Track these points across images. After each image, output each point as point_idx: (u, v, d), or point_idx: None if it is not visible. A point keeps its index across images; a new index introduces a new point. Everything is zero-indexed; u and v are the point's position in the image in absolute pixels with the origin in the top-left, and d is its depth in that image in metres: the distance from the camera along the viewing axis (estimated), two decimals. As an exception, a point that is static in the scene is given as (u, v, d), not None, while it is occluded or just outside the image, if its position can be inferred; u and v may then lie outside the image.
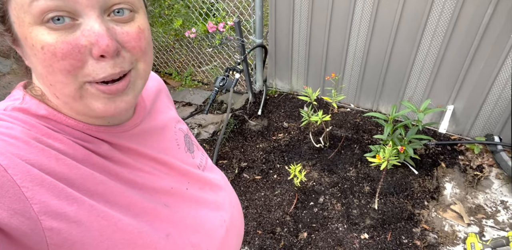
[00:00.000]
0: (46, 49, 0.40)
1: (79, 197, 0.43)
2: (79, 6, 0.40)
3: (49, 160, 0.42)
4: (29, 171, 0.39)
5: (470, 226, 1.79)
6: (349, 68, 2.42)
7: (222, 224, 0.64)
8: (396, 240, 1.76)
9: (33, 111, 0.46)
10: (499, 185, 1.97)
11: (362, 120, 2.44)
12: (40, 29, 0.40)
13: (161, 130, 0.62)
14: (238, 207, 0.74)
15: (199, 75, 3.29)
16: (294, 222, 1.92)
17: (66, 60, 0.40)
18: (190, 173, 0.63)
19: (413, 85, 2.26)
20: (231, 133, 2.54)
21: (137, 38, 0.44)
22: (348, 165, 2.17)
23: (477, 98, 2.07)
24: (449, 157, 2.14)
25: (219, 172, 0.74)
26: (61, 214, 0.40)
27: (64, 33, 0.40)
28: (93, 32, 0.40)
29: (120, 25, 0.43)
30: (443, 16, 1.93)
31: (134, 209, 0.49)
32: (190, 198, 0.60)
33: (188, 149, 0.67)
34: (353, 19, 2.20)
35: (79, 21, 0.41)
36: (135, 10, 0.44)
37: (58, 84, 0.42)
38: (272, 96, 2.81)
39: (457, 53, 2.00)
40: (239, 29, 2.33)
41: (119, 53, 0.43)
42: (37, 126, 0.45)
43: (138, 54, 0.45)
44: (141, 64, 0.47)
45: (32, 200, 0.38)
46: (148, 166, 0.55)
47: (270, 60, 2.73)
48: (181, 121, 0.71)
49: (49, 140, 0.44)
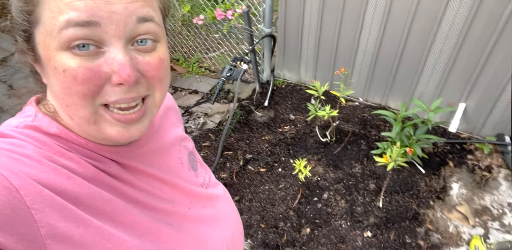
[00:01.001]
0: (68, 72, 0.41)
1: (86, 219, 0.43)
2: (106, 36, 0.41)
3: (61, 179, 0.43)
4: (40, 192, 0.40)
5: (475, 228, 1.78)
6: (360, 61, 2.36)
7: (223, 244, 0.64)
8: (400, 239, 1.76)
9: (44, 129, 0.47)
10: (508, 187, 1.94)
11: (370, 115, 2.40)
12: (65, 54, 0.41)
13: (167, 148, 0.62)
14: (239, 224, 0.74)
15: (206, 62, 3.23)
16: (297, 217, 1.92)
17: (85, 85, 0.41)
18: (193, 192, 0.63)
19: (425, 82, 2.19)
20: (237, 124, 2.52)
21: (158, 68, 0.45)
22: (354, 161, 2.15)
23: (490, 97, 2.01)
24: (457, 156, 2.10)
25: (221, 187, 0.74)
26: (67, 238, 0.41)
27: (88, 59, 0.41)
28: (116, 61, 0.41)
29: (142, 54, 0.44)
30: (459, 15, 1.85)
31: (139, 229, 0.50)
32: (192, 217, 0.61)
33: (191, 167, 0.67)
34: (366, 12, 2.11)
35: (104, 49, 0.42)
36: (158, 40, 0.45)
37: (73, 106, 0.43)
38: (280, 86, 2.76)
39: (472, 51, 1.93)
40: (248, 19, 2.26)
41: (138, 82, 0.44)
42: (49, 144, 0.46)
43: (156, 83, 0.46)
44: (158, 92, 0.48)
45: (40, 223, 0.39)
46: (152, 186, 0.56)
47: (278, 49, 2.66)
48: (187, 139, 0.71)
49: (61, 159, 0.45)
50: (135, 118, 0.45)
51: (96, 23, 0.40)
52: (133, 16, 0.41)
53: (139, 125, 0.47)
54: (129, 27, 0.42)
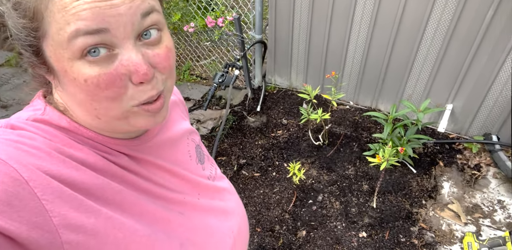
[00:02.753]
0: (90, 81, 0.42)
1: (96, 209, 0.44)
2: (115, 39, 0.41)
3: (70, 170, 0.43)
4: (50, 183, 0.40)
5: (467, 225, 1.82)
6: (349, 66, 2.41)
7: (230, 235, 0.65)
8: (394, 239, 1.78)
9: (55, 122, 0.48)
10: (497, 184, 1.99)
11: (361, 118, 2.44)
12: (80, 63, 0.41)
13: (175, 141, 0.63)
14: (245, 217, 0.75)
15: (197, 70, 3.26)
16: (293, 220, 1.93)
17: (109, 89, 0.43)
18: (201, 184, 0.65)
19: (413, 84, 2.25)
20: (230, 129, 2.53)
21: (167, 58, 0.46)
22: (347, 163, 2.17)
23: (476, 97, 2.07)
24: (447, 156, 2.15)
25: (227, 181, 0.76)
26: (79, 227, 0.41)
27: (104, 65, 0.42)
28: (131, 62, 0.42)
29: (150, 48, 0.45)
30: (444, 16, 1.92)
31: (150, 218, 0.51)
32: (202, 207, 0.62)
33: (199, 160, 0.68)
34: (354, 17, 2.17)
35: (116, 51, 0.42)
36: (161, 28, 0.46)
37: (103, 109, 0.45)
38: (271, 92, 2.79)
39: (458, 53, 1.99)
40: (239, 25, 2.30)
41: (154, 75, 0.45)
42: (59, 136, 0.47)
43: (167, 72, 0.48)
44: (169, 80, 0.49)
45: (52, 213, 0.39)
46: (162, 177, 0.57)
47: (269, 56, 2.70)
48: (194, 132, 0.72)
49: (71, 150, 0.46)
50: (160, 107, 0.48)
51: (106, 29, 0.40)
52: (138, 13, 0.42)
53: (162, 112, 0.49)
54: (136, 25, 0.42)
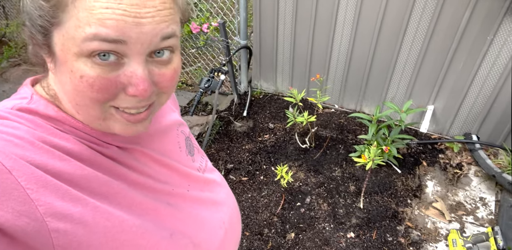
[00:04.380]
0: (85, 79, 0.41)
1: (83, 198, 0.43)
2: (129, 51, 0.42)
3: (54, 161, 0.43)
4: (34, 173, 0.40)
5: (451, 223, 1.85)
6: (333, 70, 2.46)
7: (221, 226, 0.65)
8: (381, 238, 1.80)
9: (41, 112, 0.47)
10: (478, 182, 2.04)
11: (346, 120, 2.48)
12: (84, 60, 0.41)
13: (164, 132, 0.63)
14: (236, 209, 0.75)
15: (183, 77, 3.26)
16: (281, 222, 1.93)
17: (100, 93, 0.42)
18: (190, 175, 0.64)
19: (395, 86, 2.31)
20: (217, 135, 2.54)
21: (171, 79, 0.47)
22: (334, 165, 2.20)
23: (456, 98, 2.14)
24: (430, 156, 2.20)
25: (218, 174, 0.75)
26: (66, 215, 0.41)
27: (107, 70, 0.42)
28: (135, 74, 0.43)
29: (158, 66, 0.45)
30: (423, 20, 1.99)
31: (138, 209, 0.50)
32: (191, 198, 0.62)
33: (188, 152, 0.68)
34: (336, 22, 2.23)
35: (124, 61, 0.43)
36: (174, 50, 0.47)
37: (84, 107, 0.44)
38: (257, 97, 2.82)
39: (437, 55, 2.06)
40: (223, 31, 2.33)
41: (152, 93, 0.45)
42: (44, 126, 0.46)
43: (166, 90, 0.48)
44: (165, 95, 0.49)
45: (38, 202, 0.39)
46: (151, 168, 0.57)
47: (254, 61, 2.73)
48: (183, 124, 0.72)
49: (55, 139, 0.45)
50: (143, 118, 0.47)
51: (124, 42, 0.40)
52: (159, 35, 0.42)
53: (145, 122, 0.49)
54: (153, 45, 0.43)
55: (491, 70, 1.96)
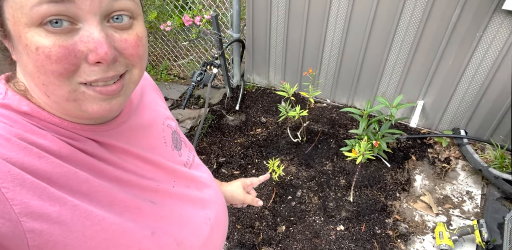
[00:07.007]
0: (41, 51, 0.39)
1: (62, 197, 0.42)
2: (80, 12, 0.40)
3: (31, 158, 0.41)
4: (10, 171, 0.38)
5: (438, 216, 1.90)
6: (326, 64, 2.47)
7: (206, 222, 0.64)
8: (370, 230, 1.84)
9: (15, 107, 0.45)
10: (465, 176, 2.09)
11: (338, 115, 2.50)
12: (37, 30, 0.39)
13: (148, 127, 0.61)
14: (224, 206, 0.74)
15: (175, 69, 3.24)
16: (272, 216, 1.96)
17: (59, 64, 0.40)
18: (176, 171, 0.63)
19: (386, 81, 2.33)
20: (209, 128, 2.54)
21: (135, 46, 0.45)
22: (325, 159, 2.22)
23: (445, 94, 2.17)
24: (419, 150, 2.24)
25: (205, 169, 0.74)
26: (42, 215, 0.40)
27: (62, 37, 0.40)
28: (92, 38, 0.40)
29: (118, 32, 0.43)
30: (414, 16, 2.00)
31: (119, 207, 0.49)
32: (176, 195, 0.61)
33: (175, 147, 0.67)
34: (329, 16, 2.23)
35: (78, 26, 0.40)
36: (134, 17, 0.45)
37: (50, 85, 0.42)
38: (250, 91, 2.82)
39: (427, 50, 2.08)
40: (216, 24, 2.31)
41: (116, 60, 0.43)
42: (20, 122, 0.44)
43: (134, 60, 0.46)
44: (136, 70, 0.47)
45: (13, 201, 0.38)
46: (133, 164, 0.55)
47: (247, 55, 2.73)
48: (170, 117, 0.70)
49: (33, 136, 0.43)
50: (116, 90, 0.45)
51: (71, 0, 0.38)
52: None
53: (119, 98, 0.46)
54: (104, 3, 0.41)
55: (479, 67, 1.99)
